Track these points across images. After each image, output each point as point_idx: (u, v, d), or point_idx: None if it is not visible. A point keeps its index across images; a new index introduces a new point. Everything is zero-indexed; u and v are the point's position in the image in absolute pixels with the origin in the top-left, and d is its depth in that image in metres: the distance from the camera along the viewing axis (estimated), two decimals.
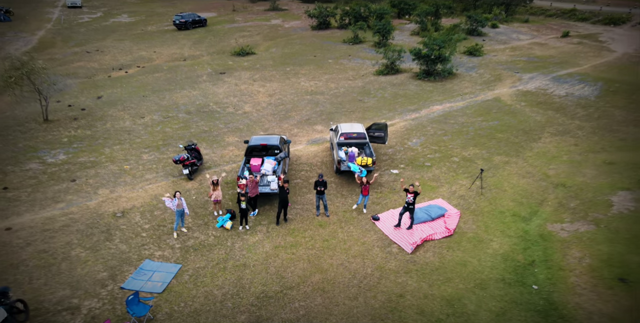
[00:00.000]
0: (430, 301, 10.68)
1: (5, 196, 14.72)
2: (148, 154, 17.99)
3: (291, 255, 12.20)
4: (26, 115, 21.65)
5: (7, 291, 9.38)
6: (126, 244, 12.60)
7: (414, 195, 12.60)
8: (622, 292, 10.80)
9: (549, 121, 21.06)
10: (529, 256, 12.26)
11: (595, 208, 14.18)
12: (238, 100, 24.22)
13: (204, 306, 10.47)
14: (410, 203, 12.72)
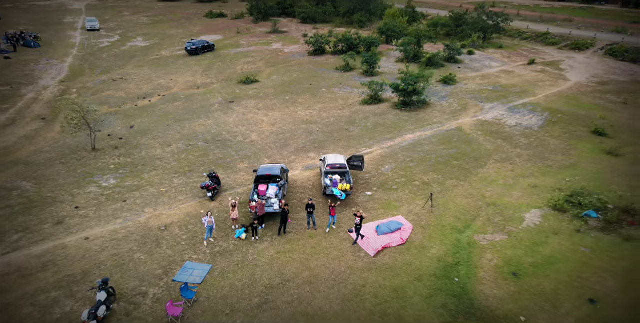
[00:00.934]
0: (383, 289, 15.82)
1: (78, 214, 19.89)
2: (178, 179, 23.16)
3: (288, 258, 17.36)
4: (76, 144, 26.82)
5: (107, 280, 14.55)
6: (171, 250, 17.75)
7: (360, 218, 17.74)
8: (512, 282, 15.98)
9: (496, 149, 26.23)
10: (456, 258, 17.40)
11: (512, 223, 19.35)
12: (246, 129, 29.40)
13: (230, 293, 15.62)
14: (358, 224, 17.84)
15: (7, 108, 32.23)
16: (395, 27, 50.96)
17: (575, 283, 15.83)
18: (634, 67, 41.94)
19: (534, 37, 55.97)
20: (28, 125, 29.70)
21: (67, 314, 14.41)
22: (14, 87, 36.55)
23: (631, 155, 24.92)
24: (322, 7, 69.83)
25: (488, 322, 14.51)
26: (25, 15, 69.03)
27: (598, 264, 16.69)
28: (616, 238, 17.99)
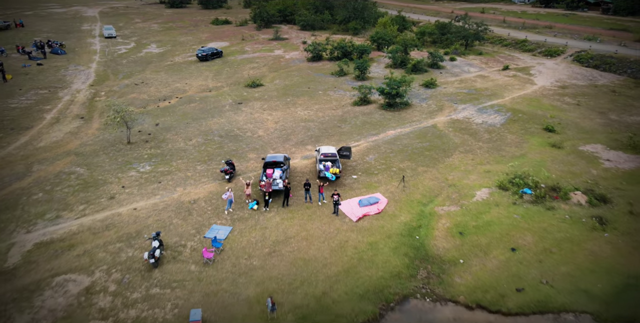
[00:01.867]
0: (361, 244, 21.20)
1: (125, 191, 25.30)
2: (200, 166, 28.57)
3: (290, 222, 22.76)
4: (114, 139, 32.25)
5: (159, 233, 19.96)
6: (200, 217, 23.14)
7: (337, 196, 23.08)
8: (458, 238, 21.39)
9: (462, 143, 31.65)
10: (419, 223, 22.80)
11: (465, 198, 24.76)
12: (253, 126, 34.84)
13: (247, 245, 21.00)
14: (336, 201, 23.17)
15: (49, 109, 37.71)
16: (386, 36, 56.44)
17: (504, 239, 21.26)
18: (595, 73, 47.39)
19: (513, 44, 61.42)
20: (70, 123, 35.15)
21: (130, 257, 19.85)
22: (51, 90, 42.04)
23: (570, 147, 30.34)
24: (320, 15, 75.30)
25: (436, 263, 19.95)
26: (45, 22, 74.55)
27: (524, 226, 22.11)
28: (541, 208, 23.40)
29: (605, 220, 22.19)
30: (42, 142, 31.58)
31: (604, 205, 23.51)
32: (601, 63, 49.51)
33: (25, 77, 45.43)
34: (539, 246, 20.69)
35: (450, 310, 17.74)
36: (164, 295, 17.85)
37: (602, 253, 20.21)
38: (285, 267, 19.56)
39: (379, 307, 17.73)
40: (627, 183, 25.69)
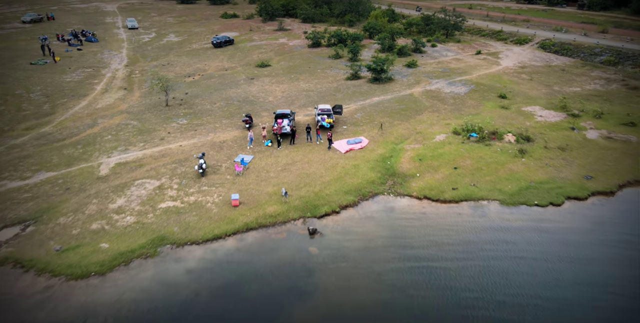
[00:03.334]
0: (347, 165, 29.44)
1: (170, 135, 33.56)
2: (225, 120, 36.81)
3: (296, 153, 31.00)
4: (153, 103, 40.52)
5: (204, 153, 28.25)
6: (229, 150, 31.39)
7: (330, 134, 31.38)
8: (417, 163, 29.67)
9: (431, 106, 39.89)
10: (390, 154, 31.05)
11: (427, 140, 33.01)
12: (265, 94, 43.09)
13: (264, 166, 29.26)
14: (329, 139, 31.46)
15: (97, 82, 45.98)
16: (377, 25, 64.65)
17: (450, 162, 29.54)
18: (552, 57, 55.62)
19: (490, 34, 69.63)
20: (116, 92, 43.43)
21: (184, 171, 28.13)
22: (94, 69, 50.32)
23: (515, 108, 38.57)
24: (320, 9, 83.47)
25: (399, 177, 28.24)
26: (72, 16, 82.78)
27: (466, 155, 30.38)
28: (482, 145, 31.66)
29: (524, 151, 30.48)
30: (99, 104, 39.89)
31: (527, 143, 31.83)
32: (560, 49, 57.75)
33: (70, 60, 53.69)
34: (474, 166, 28.99)
35: (405, 200, 26.05)
36: (210, 190, 26.16)
37: (517, 170, 28.50)
38: (293, 177, 27.85)
39: (358, 198, 26.02)
40: (549, 130, 33.98)
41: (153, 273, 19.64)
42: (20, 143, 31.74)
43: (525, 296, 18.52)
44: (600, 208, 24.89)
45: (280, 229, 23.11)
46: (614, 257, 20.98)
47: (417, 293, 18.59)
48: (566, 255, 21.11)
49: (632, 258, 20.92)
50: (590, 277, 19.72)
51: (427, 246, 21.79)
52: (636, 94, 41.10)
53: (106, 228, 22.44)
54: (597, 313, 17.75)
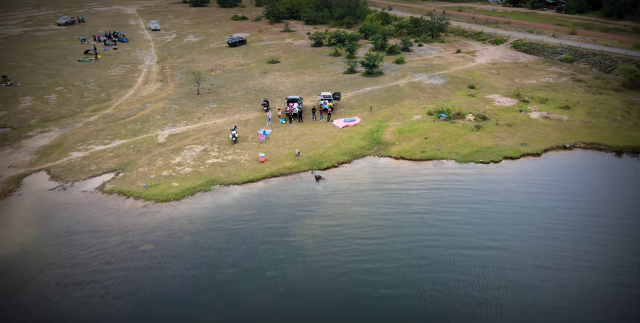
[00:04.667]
0: (343, 136, 38.71)
1: (205, 116, 42.89)
2: (247, 105, 46.12)
3: (304, 128, 40.28)
4: (187, 92, 49.81)
5: (236, 126, 37.55)
6: (252, 126, 40.70)
7: (331, 109, 40.69)
8: (397, 135, 38.97)
9: (413, 94, 49.18)
10: (377, 129, 40.32)
11: (406, 119, 42.31)
12: (277, 85, 52.36)
13: (280, 137, 38.54)
14: (329, 114, 40.77)
15: (137, 76, 55.34)
16: (371, 28, 73.90)
17: (422, 135, 38.80)
18: (520, 55, 64.92)
19: (472, 35, 78.84)
20: (155, 84, 52.77)
21: (220, 140, 37.44)
22: (132, 65, 59.66)
23: (480, 96, 47.84)
24: (321, 12, 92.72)
25: (383, 144, 37.54)
26: (99, 19, 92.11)
27: (435, 129, 39.65)
28: (448, 122, 40.92)
29: (480, 127, 39.78)
30: (144, 93, 49.25)
31: (482, 121, 41.14)
32: (529, 48, 67.00)
33: (109, 57, 63.03)
34: (440, 137, 38.29)
35: (386, 160, 35.35)
36: (242, 152, 35.48)
37: (471, 139, 37.80)
38: (303, 144, 37.15)
39: (351, 158, 35.32)
40: (502, 112, 43.27)
41: (210, 199, 28.98)
42: (93, 121, 41.11)
43: (456, 204, 27.78)
44: (527, 164, 34.21)
45: (295, 176, 32.44)
46: (525, 188, 30.25)
47: (386, 208, 27.88)
48: (493, 188, 30.40)
49: (539, 189, 30.17)
50: (506, 196, 29.01)
51: (397, 183, 31.13)
52: (579, 85, 50.38)
53: (173, 175, 31.78)
54: (508, 209, 27.02)
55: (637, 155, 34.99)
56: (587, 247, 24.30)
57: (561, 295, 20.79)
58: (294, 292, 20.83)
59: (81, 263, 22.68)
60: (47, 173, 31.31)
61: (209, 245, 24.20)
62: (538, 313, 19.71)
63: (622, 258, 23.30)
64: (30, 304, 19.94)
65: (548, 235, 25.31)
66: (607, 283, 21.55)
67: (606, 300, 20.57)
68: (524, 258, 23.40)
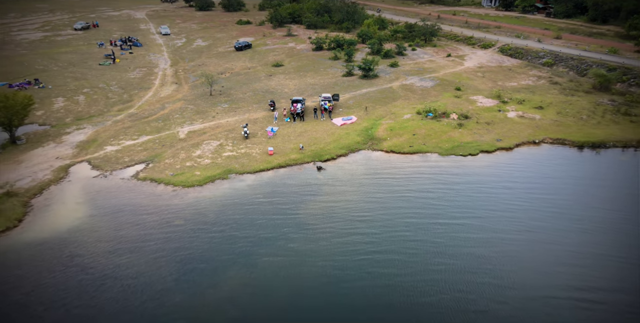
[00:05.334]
0: (342, 133, 44.02)
1: (219, 115, 48.17)
2: (255, 105, 51.42)
3: (307, 126, 45.60)
4: (201, 93, 55.10)
5: (247, 124, 42.83)
6: (262, 124, 46.01)
7: (332, 107, 46.05)
8: (389, 131, 44.29)
9: (404, 95, 54.47)
10: (371, 126, 45.64)
11: (398, 118, 47.63)
12: (281, 87, 57.66)
13: (286, 134, 43.85)
14: (329, 112, 46.13)
15: (154, 79, 60.65)
16: (368, 33, 79.18)
17: (411, 132, 44.11)
18: (505, 59, 70.18)
19: (463, 39, 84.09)
20: (170, 86, 58.08)
21: (233, 136, 42.78)
22: (148, 68, 64.96)
23: (465, 97, 53.14)
24: (321, 17, 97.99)
25: (376, 139, 42.85)
26: (111, 23, 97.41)
27: (423, 127, 44.96)
28: (434, 121, 46.24)
29: (462, 125, 45.09)
30: (162, 94, 54.58)
31: (465, 119, 46.44)
32: (514, 53, 72.28)
33: (126, 61, 68.36)
34: (426, 133, 43.59)
35: (378, 153, 40.66)
36: (253, 146, 40.77)
37: (454, 136, 43.10)
38: (306, 139, 42.44)
39: (348, 151, 40.62)
40: (483, 111, 48.57)
41: (228, 185, 34.30)
42: (120, 119, 46.44)
43: (434, 187, 33.04)
44: (499, 156, 39.53)
45: (299, 167, 37.76)
46: (494, 175, 35.51)
47: (376, 191, 33.16)
48: (467, 175, 35.68)
49: (505, 176, 35.42)
50: (477, 181, 34.29)
51: (386, 172, 36.44)
52: (554, 87, 55.67)
53: (195, 165, 37.10)
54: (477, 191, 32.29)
55: (595, 149, 40.35)
56: (533, 214, 29.60)
57: (509, 250, 26.06)
58: (300, 252, 26.11)
59: (127, 234, 27.98)
60: (89, 164, 36.66)
61: (229, 220, 29.52)
62: (496, 263, 24.97)
63: (558, 224, 28.57)
64: (89, 265, 25.22)
65: (505, 208, 30.64)
66: (542, 242, 26.82)
67: (539, 253, 25.83)
68: (486, 226, 28.70)
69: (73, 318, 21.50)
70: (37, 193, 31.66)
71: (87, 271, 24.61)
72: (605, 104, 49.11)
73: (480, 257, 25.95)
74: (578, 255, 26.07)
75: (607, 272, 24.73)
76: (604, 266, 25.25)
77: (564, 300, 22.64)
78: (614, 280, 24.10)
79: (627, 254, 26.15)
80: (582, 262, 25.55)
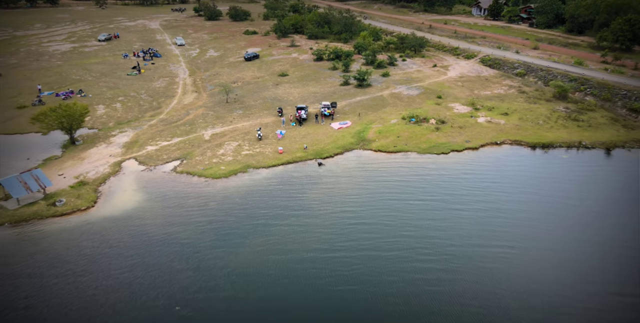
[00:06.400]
0: (337, 135, 53.15)
1: (235, 119, 57.35)
2: (266, 111, 60.55)
3: (310, 129, 54.70)
4: (218, 100, 64.25)
5: (260, 128, 51.95)
6: (272, 128, 55.09)
7: (332, 115, 55.27)
8: (378, 134, 53.46)
9: (393, 102, 63.58)
10: (363, 129, 54.76)
11: (385, 122, 56.76)
12: (287, 95, 66.78)
13: (292, 135, 52.95)
14: (329, 117, 55.32)
15: (176, 87, 69.84)
16: (364, 45, 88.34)
17: (396, 134, 53.20)
18: (484, 69, 79.28)
19: (449, 50, 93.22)
20: (191, 94, 67.24)
21: (249, 137, 51.92)
22: (170, 78, 74.13)
23: (444, 105, 62.21)
24: (322, 29, 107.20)
25: (367, 141, 51.99)
26: (130, 34, 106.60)
27: (406, 130, 54.04)
28: (416, 125, 55.33)
29: (439, 128, 54.19)
30: (185, 102, 63.75)
31: (442, 124, 55.55)
32: (493, 63, 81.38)
33: (150, 71, 77.55)
34: (408, 136, 52.70)
35: (368, 152, 49.77)
36: (266, 146, 49.86)
37: (431, 137, 52.18)
38: (308, 140, 51.54)
39: (343, 150, 49.72)
40: (458, 117, 57.68)
41: (248, 177, 43.42)
42: (154, 124, 55.63)
43: (411, 176, 42.10)
44: (466, 155, 48.61)
45: (304, 163, 46.86)
46: (459, 168, 44.56)
47: (364, 180, 42.25)
48: (438, 168, 44.75)
49: (467, 168, 44.45)
50: (444, 172, 43.34)
51: (373, 167, 45.56)
52: (521, 96, 64.79)
53: (220, 161, 46.21)
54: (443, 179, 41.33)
55: (544, 149, 49.47)
56: (481, 198, 38.67)
57: (461, 222, 35.10)
58: (306, 223, 35.17)
59: (174, 212, 37.05)
60: (136, 160, 45.81)
61: (250, 201, 38.64)
62: (448, 229, 34.02)
63: (499, 202, 37.63)
64: (151, 231, 34.28)
65: (462, 193, 39.73)
66: (484, 214, 35.89)
67: (479, 221, 34.88)
68: (445, 205, 37.80)
69: (145, 260, 30.57)
70: (102, 183, 40.80)
71: (150, 235, 33.74)
72: (560, 111, 58.28)
73: (439, 225, 35.06)
74: (506, 221, 35.19)
75: (522, 230, 33.82)
76: (520, 226, 34.42)
77: (487, 248, 31.74)
78: (529, 237, 33.21)
79: (541, 217, 35.30)
80: (509, 224, 34.67)
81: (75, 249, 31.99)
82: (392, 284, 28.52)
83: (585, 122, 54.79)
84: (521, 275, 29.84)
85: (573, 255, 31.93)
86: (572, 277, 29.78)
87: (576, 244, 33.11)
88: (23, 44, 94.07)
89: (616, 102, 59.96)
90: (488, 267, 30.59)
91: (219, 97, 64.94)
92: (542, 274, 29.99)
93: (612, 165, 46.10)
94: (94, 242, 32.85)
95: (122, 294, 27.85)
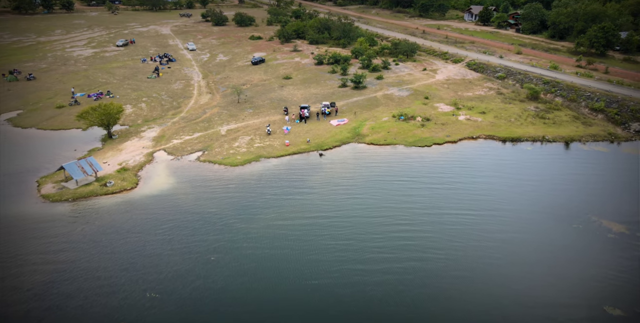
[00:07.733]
0: (337, 130, 61.40)
1: (247, 117, 65.62)
2: (273, 110, 68.78)
3: (312, 125, 62.95)
4: (230, 101, 72.49)
5: (270, 124, 60.18)
6: (279, 124, 63.34)
7: (328, 111, 63.62)
8: (371, 130, 61.73)
9: (385, 102, 71.81)
10: (358, 126, 62.99)
11: (378, 120, 65.01)
12: (291, 96, 75.01)
13: (297, 131, 61.20)
14: (326, 114, 63.62)
15: (192, 89, 78.11)
16: (360, 50, 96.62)
17: (386, 130, 61.46)
18: (469, 73, 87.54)
19: (439, 54, 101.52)
20: (205, 95, 75.49)
21: (260, 132, 60.20)
22: (186, 80, 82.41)
23: (430, 105, 70.44)
24: (322, 34, 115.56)
25: (361, 136, 60.28)
26: (144, 40, 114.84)
27: (396, 126, 62.27)
28: (404, 122, 63.59)
29: (424, 125, 62.43)
30: (201, 102, 72.04)
31: (427, 121, 63.79)
32: (478, 67, 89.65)
33: (167, 75, 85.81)
34: (397, 131, 60.92)
35: (362, 145, 58.01)
36: (274, 140, 58.10)
37: (417, 133, 60.41)
38: (311, 135, 59.75)
39: (341, 144, 57.96)
40: (441, 115, 65.92)
41: (260, 165, 51.65)
42: (176, 121, 63.88)
43: (397, 163, 50.29)
44: (446, 147, 56.84)
45: (307, 154, 55.06)
46: (439, 157, 52.74)
47: (358, 166, 50.48)
48: (421, 157, 52.96)
49: (446, 158, 52.61)
50: (426, 160, 51.54)
51: (366, 157, 53.79)
52: (499, 97, 73.04)
53: (236, 152, 54.41)
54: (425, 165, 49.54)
55: (513, 143, 57.73)
56: (454, 178, 46.87)
57: (435, 196, 43.29)
58: (308, 198, 43.36)
59: (202, 191, 45.23)
60: (165, 151, 54.03)
61: (263, 183, 46.83)
62: (426, 201, 42.20)
63: (469, 181, 45.81)
64: (186, 205, 42.47)
65: (438, 175, 47.94)
66: (459, 191, 44.09)
67: (450, 197, 43.05)
68: (425, 185, 46.01)
69: (179, 224, 38.73)
70: (140, 169, 49.03)
71: (183, 206, 41.99)
72: (530, 110, 66.58)
73: (416, 200, 43.30)
74: (471, 194, 43.40)
75: (482, 200, 42.05)
76: (480, 198, 42.65)
77: (453, 214, 39.94)
78: (487, 206, 41.43)
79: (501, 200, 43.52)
80: (473, 196, 42.89)
81: (128, 216, 40.27)
82: (376, 239, 36.89)
83: (551, 119, 63.08)
84: (477, 230, 38.25)
85: (518, 216, 40.22)
86: (513, 233, 38.10)
87: (525, 211, 41.39)
88: (48, 49, 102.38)
89: (580, 102, 68.27)
90: (453, 228, 38.96)
91: (231, 98, 73.16)
92: (492, 229, 38.26)
93: (567, 155, 54.42)
94: (140, 211, 41.10)
95: (165, 247, 36.11)
